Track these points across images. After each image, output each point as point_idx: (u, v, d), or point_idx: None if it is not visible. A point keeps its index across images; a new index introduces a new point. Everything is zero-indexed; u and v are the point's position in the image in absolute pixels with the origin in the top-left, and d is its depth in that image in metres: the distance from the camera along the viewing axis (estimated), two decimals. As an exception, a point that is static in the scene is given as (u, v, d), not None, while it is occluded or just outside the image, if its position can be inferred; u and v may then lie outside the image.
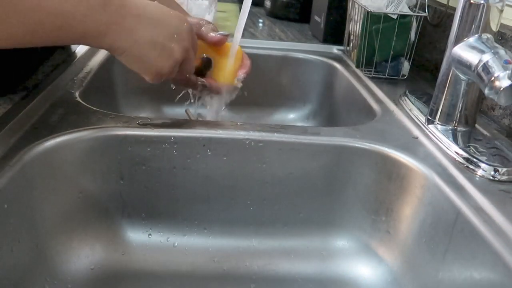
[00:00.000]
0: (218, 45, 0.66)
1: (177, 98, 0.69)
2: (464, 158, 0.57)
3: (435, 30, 0.92)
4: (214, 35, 0.64)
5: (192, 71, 0.61)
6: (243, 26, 0.64)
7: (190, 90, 0.68)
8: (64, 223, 0.56)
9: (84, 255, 0.57)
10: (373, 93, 0.79)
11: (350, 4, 0.94)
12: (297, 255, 0.63)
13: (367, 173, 0.61)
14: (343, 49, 1.02)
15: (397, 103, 0.74)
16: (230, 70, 0.67)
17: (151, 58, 0.53)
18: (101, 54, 0.84)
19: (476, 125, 0.65)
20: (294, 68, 0.99)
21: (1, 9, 0.42)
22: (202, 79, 0.66)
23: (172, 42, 0.54)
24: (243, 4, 0.64)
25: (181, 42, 0.54)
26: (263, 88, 0.98)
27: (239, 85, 0.68)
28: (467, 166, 0.56)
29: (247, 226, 0.63)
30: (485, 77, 0.54)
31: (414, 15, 0.84)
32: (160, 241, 0.62)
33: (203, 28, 0.64)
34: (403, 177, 0.58)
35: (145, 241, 0.61)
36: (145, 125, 0.58)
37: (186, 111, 0.72)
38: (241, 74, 0.68)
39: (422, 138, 0.63)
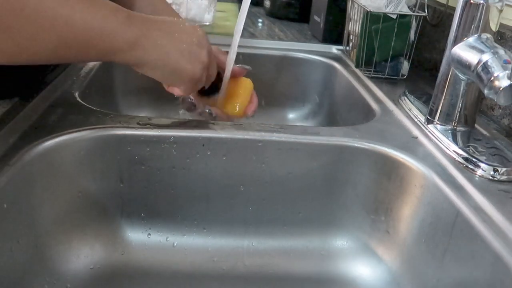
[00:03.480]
0: (236, 76, 0.67)
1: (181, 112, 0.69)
2: (464, 158, 0.57)
3: (434, 30, 0.92)
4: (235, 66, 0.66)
5: (215, 75, 0.62)
6: (242, 27, 0.64)
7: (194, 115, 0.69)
8: (63, 223, 0.56)
9: (83, 255, 0.57)
10: (373, 93, 0.79)
11: (349, 4, 0.94)
12: (297, 255, 0.63)
13: (366, 173, 0.61)
14: (342, 49, 1.02)
15: (396, 103, 0.74)
16: (240, 104, 0.68)
17: (182, 65, 0.54)
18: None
19: (476, 125, 0.65)
20: (293, 68, 0.99)
21: (34, 25, 0.43)
22: (209, 107, 0.66)
23: (196, 46, 0.55)
24: (242, 5, 0.64)
25: (203, 45, 0.56)
26: (263, 88, 0.98)
27: (250, 116, 0.69)
28: (467, 166, 0.56)
29: (246, 226, 0.63)
30: (484, 77, 0.54)
31: (414, 15, 0.84)
32: (159, 240, 0.62)
33: (219, 55, 0.66)
34: (402, 177, 0.58)
35: (144, 240, 0.61)
36: (144, 125, 0.58)
37: (184, 112, 0.72)
38: (250, 112, 0.69)
39: (422, 138, 0.63)
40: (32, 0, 0.42)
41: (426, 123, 0.66)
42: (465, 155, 0.57)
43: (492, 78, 0.53)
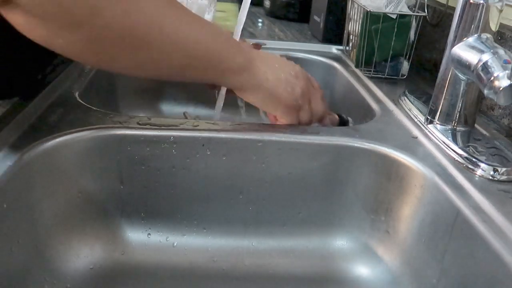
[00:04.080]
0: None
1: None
2: (464, 158, 0.57)
3: (434, 30, 0.92)
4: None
5: (323, 113, 0.66)
6: (242, 26, 0.64)
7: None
8: (63, 223, 0.56)
9: (83, 255, 0.57)
10: (373, 93, 0.79)
11: (349, 3, 0.94)
12: (296, 255, 0.63)
13: (366, 173, 0.61)
14: (342, 49, 1.02)
15: (396, 103, 0.74)
16: None
17: (279, 91, 0.59)
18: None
19: (476, 125, 0.65)
20: (293, 68, 0.99)
21: (167, 43, 0.49)
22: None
23: (292, 78, 0.60)
24: (242, 5, 0.64)
25: (301, 79, 0.61)
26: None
27: None
28: (467, 166, 0.56)
29: (246, 226, 0.63)
30: (484, 77, 0.54)
31: (414, 14, 0.84)
32: (159, 240, 0.62)
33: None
34: (402, 177, 0.58)
35: (144, 240, 0.61)
36: (144, 125, 0.58)
37: (184, 113, 0.72)
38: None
39: (422, 138, 0.63)
40: (164, 24, 0.48)
41: (426, 123, 0.66)
42: (465, 155, 0.57)
43: (492, 78, 0.53)
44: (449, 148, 0.59)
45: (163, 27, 0.48)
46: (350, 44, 0.96)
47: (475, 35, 0.59)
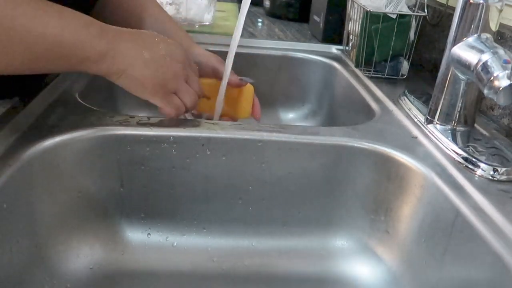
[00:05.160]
0: (234, 87, 0.69)
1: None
2: (463, 157, 0.57)
3: (434, 29, 0.92)
4: (237, 78, 0.69)
5: (198, 92, 0.62)
6: (242, 27, 0.64)
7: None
8: (63, 223, 0.56)
9: (83, 255, 0.57)
10: (372, 93, 0.79)
11: (349, 3, 0.94)
12: (296, 255, 0.63)
13: (366, 172, 0.61)
14: (342, 49, 1.02)
15: (396, 102, 0.74)
16: (244, 107, 0.71)
17: (146, 75, 0.55)
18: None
19: (475, 124, 0.65)
20: (293, 68, 0.99)
21: (6, 40, 0.45)
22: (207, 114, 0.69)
23: (166, 59, 0.57)
24: (241, 4, 0.64)
25: (174, 58, 0.58)
26: (262, 88, 0.98)
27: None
28: (466, 166, 0.56)
29: (246, 225, 0.63)
30: (484, 77, 0.54)
31: (413, 14, 0.84)
32: (159, 240, 0.62)
33: (219, 68, 0.68)
34: (402, 176, 0.58)
35: (144, 240, 0.61)
36: (144, 124, 0.58)
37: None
38: (257, 117, 0.72)
39: (421, 138, 0.63)
40: (3, 19, 0.44)
41: (425, 123, 0.66)
42: (465, 155, 0.57)
43: (492, 78, 0.53)
44: (449, 148, 0.59)
45: (10, 22, 0.45)
46: (350, 44, 0.96)
47: (475, 35, 0.59)
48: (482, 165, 0.55)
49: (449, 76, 0.62)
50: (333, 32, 1.05)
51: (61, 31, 0.49)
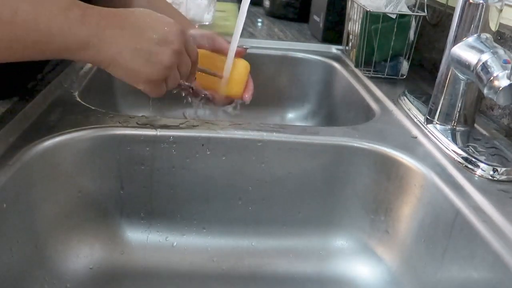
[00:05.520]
0: (235, 56, 0.66)
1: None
2: (463, 157, 0.57)
3: (434, 29, 0.92)
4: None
5: (189, 76, 0.59)
6: (241, 28, 0.64)
7: (190, 99, 0.68)
8: (63, 223, 0.56)
9: (83, 255, 0.57)
10: (372, 93, 0.79)
11: (349, 3, 0.94)
12: (296, 255, 0.63)
13: (366, 172, 0.61)
14: (342, 49, 1.02)
15: (396, 102, 0.74)
16: (237, 84, 0.67)
17: (137, 66, 0.51)
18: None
19: (475, 124, 0.65)
20: (293, 68, 0.99)
21: None
22: (206, 92, 0.65)
23: (159, 47, 0.52)
24: (241, 4, 0.64)
25: (169, 45, 0.52)
26: (262, 87, 0.98)
27: (247, 102, 0.68)
28: (466, 166, 0.56)
29: (246, 225, 0.63)
30: (484, 77, 0.54)
31: (413, 14, 0.84)
32: (159, 240, 0.62)
33: (216, 38, 0.65)
34: (402, 176, 0.58)
35: (144, 240, 0.61)
36: (144, 124, 0.58)
37: (183, 113, 0.72)
38: (247, 97, 0.68)
39: (421, 138, 0.63)
40: None
41: (425, 123, 0.66)
42: (465, 155, 0.57)
43: (492, 78, 0.53)
44: (448, 148, 0.59)
45: None
46: (350, 44, 0.96)
47: (475, 35, 0.59)
48: (482, 165, 0.55)
49: (449, 76, 0.62)
50: (333, 32, 1.05)
51: (34, 17, 0.44)
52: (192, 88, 0.64)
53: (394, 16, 0.83)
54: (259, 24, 1.25)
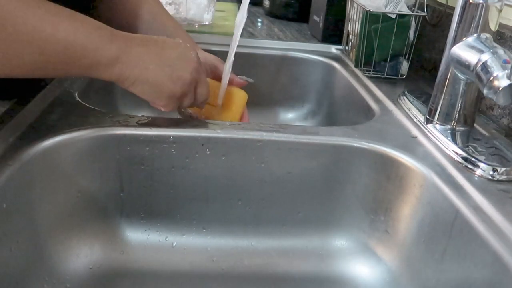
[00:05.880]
0: (235, 85, 0.69)
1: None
2: (463, 157, 0.57)
3: (434, 29, 0.92)
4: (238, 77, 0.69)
5: (207, 96, 0.61)
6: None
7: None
8: (63, 223, 0.56)
9: (82, 255, 0.57)
10: (372, 93, 0.79)
11: (349, 3, 0.94)
12: (296, 255, 0.63)
13: (365, 172, 0.61)
14: (342, 49, 1.02)
15: (395, 102, 0.74)
16: (233, 112, 0.69)
17: (161, 82, 0.54)
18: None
19: (475, 124, 0.65)
20: (292, 68, 0.99)
21: (16, 43, 0.44)
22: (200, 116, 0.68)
23: (180, 66, 0.55)
24: (241, 4, 0.64)
25: (188, 65, 0.56)
26: (262, 87, 0.98)
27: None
28: (466, 166, 0.56)
29: (245, 225, 0.63)
30: (484, 77, 0.54)
31: (413, 14, 0.84)
32: (158, 240, 0.62)
33: (219, 66, 0.68)
34: (401, 176, 0.58)
35: (143, 240, 0.61)
36: (143, 124, 0.58)
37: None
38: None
39: (421, 138, 0.63)
40: (14, 19, 0.44)
41: (425, 123, 0.66)
42: (465, 155, 0.57)
43: (492, 78, 0.53)
44: (448, 148, 0.59)
45: (11, 22, 0.44)
46: (350, 44, 0.96)
47: (475, 35, 0.59)
48: (481, 165, 0.55)
49: (448, 76, 0.62)
50: (333, 32, 1.05)
51: (73, 33, 0.48)
52: (191, 116, 0.67)
53: (394, 16, 0.83)
54: (259, 24, 1.25)
